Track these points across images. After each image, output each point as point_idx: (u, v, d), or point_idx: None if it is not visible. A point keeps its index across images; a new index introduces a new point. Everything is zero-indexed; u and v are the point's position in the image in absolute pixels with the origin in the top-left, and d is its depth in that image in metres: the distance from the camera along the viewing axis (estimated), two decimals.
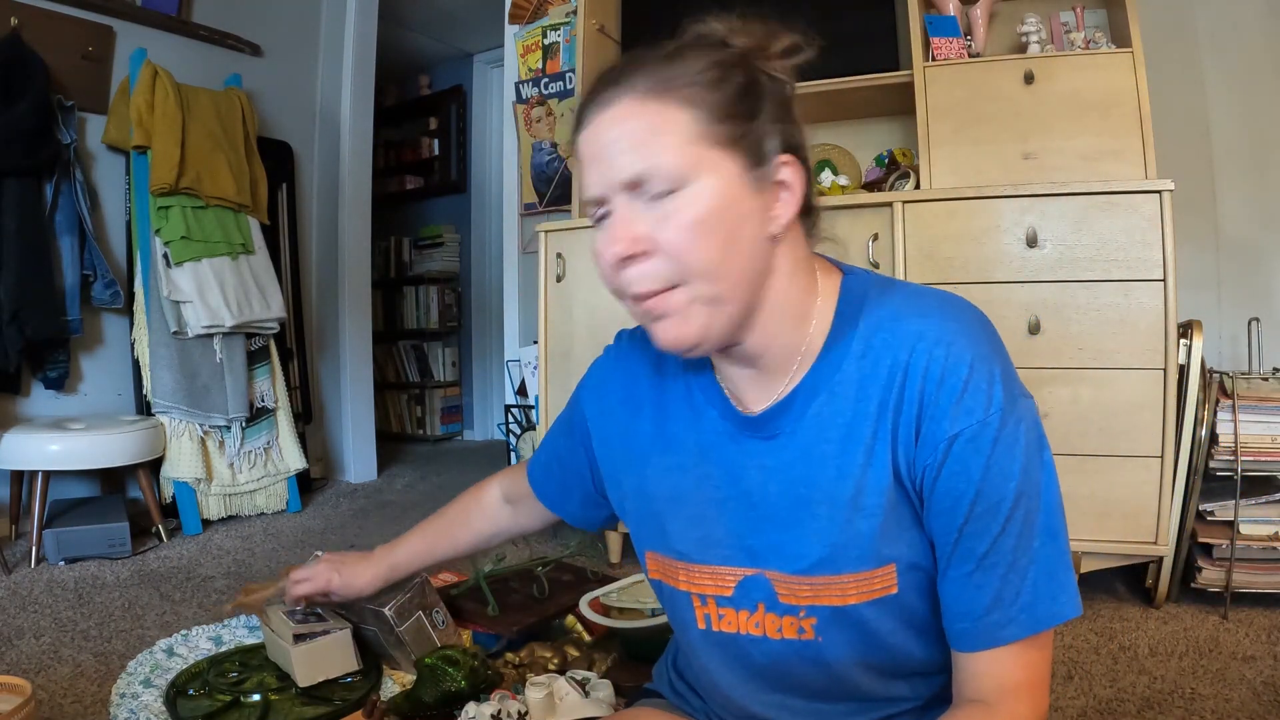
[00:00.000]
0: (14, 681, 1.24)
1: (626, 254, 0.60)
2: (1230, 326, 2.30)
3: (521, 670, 1.47)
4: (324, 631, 1.44)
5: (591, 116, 0.62)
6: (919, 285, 0.69)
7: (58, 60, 2.62)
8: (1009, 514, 0.59)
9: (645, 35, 2.52)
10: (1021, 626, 0.59)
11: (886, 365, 0.62)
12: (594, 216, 0.64)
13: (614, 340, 0.87)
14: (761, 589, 0.67)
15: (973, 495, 0.59)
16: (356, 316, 3.69)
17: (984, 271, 1.90)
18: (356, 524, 2.88)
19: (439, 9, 4.20)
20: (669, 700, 0.86)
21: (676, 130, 0.59)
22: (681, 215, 0.59)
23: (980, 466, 0.59)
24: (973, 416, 0.59)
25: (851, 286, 0.67)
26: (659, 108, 0.60)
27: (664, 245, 0.59)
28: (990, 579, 0.60)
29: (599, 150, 0.61)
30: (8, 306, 2.43)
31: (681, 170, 0.59)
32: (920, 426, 0.60)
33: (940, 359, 0.59)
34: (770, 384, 0.68)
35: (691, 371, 0.74)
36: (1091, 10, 2.20)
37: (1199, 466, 1.83)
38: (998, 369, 0.60)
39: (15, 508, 2.54)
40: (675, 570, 0.72)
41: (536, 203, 3.23)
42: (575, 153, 0.65)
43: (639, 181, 0.60)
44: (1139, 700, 1.43)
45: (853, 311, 0.65)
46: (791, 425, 0.66)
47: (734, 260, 0.60)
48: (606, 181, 0.61)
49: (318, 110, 3.59)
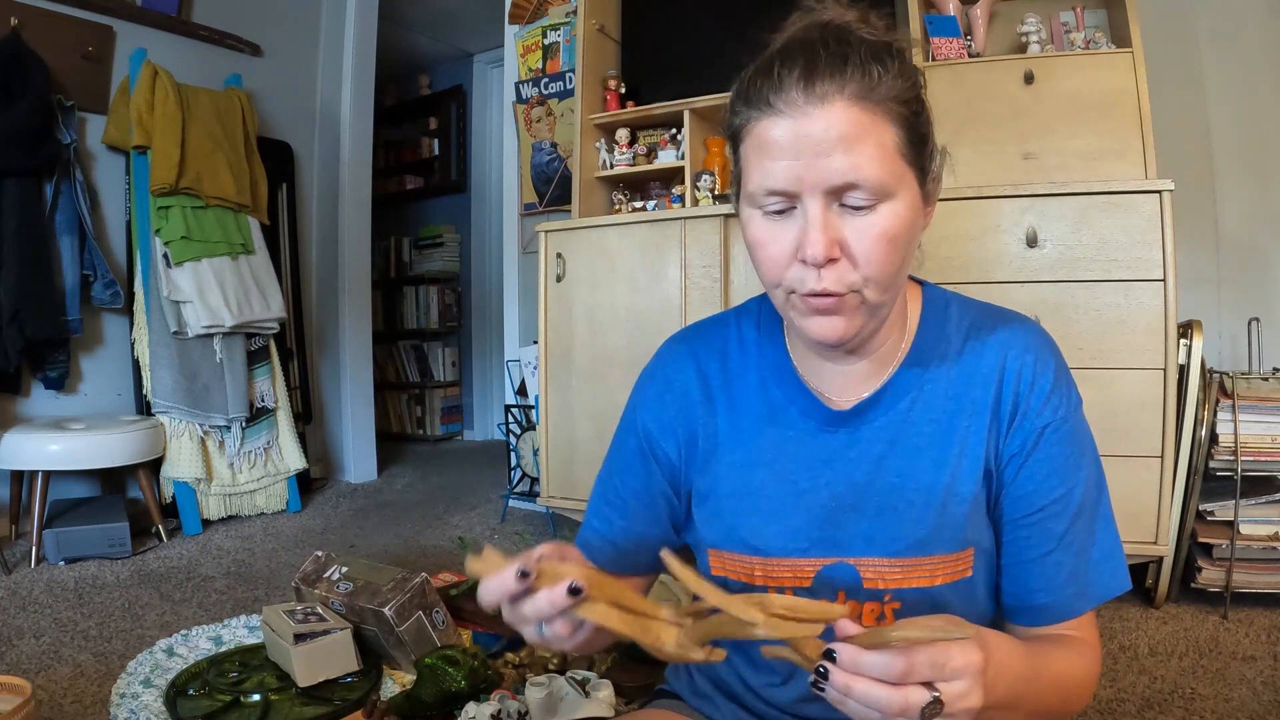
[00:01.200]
0: (14, 681, 1.24)
1: (829, 257, 0.60)
2: (1230, 326, 2.30)
3: (521, 670, 1.47)
4: (324, 631, 1.44)
5: (795, 105, 0.60)
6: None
7: (58, 60, 2.62)
8: (1081, 499, 0.68)
9: (645, 35, 2.50)
10: (1091, 600, 0.68)
11: (983, 369, 0.69)
12: (767, 206, 0.63)
13: (663, 349, 0.83)
14: (845, 576, 0.70)
15: (1055, 481, 0.67)
16: (356, 316, 3.70)
17: (984, 271, 1.90)
18: (356, 524, 2.88)
19: (439, 9, 4.20)
20: (688, 703, 0.84)
21: (886, 144, 0.60)
22: (877, 230, 0.61)
23: (1062, 456, 0.67)
24: (1057, 413, 0.68)
25: (933, 293, 0.75)
26: (871, 118, 0.60)
27: (857, 255, 0.61)
28: (1067, 557, 0.67)
29: (806, 144, 0.59)
30: (8, 306, 2.43)
31: (886, 185, 0.60)
32: (1014, 421, 0.68)
33: (1031, 364, 0.68)
34: (862, 379, 0.72)
35: (768, 370, 0.76)
36: (1091, 10, 2.20)
37: (1199, 466, 1.83)
38: (1069, 374, 0.70)
39: (15, 508, 2.54)
40: (750, 566, 0.73)
41: (536, 203, 3.23)
42: (750, 134, 0.63)
43: (846, 187, 0.59)
44: (1139, 700, 1.43)
45: (939, 318, 0.73)
46: (880, 419, 0.71)
47: (903, 272, 0.65)
48: (808, 179, 0.60)
49: (318, 110, 3.59)
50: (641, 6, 2.72)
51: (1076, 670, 0.64)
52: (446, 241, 4.85)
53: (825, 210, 0.60)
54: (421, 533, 2.75)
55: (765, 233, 0.64)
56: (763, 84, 0.62)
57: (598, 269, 2.34)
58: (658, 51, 2.67)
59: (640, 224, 2.30)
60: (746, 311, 0.80)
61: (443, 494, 3.36)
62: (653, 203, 2.64)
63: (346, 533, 2.76)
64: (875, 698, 0.48)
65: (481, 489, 3.39)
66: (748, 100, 0.63)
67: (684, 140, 2.49)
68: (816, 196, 0.60)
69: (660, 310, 2.22)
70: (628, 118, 2.63)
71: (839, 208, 0.61)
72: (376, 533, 2.75)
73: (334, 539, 2.67)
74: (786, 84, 0.60)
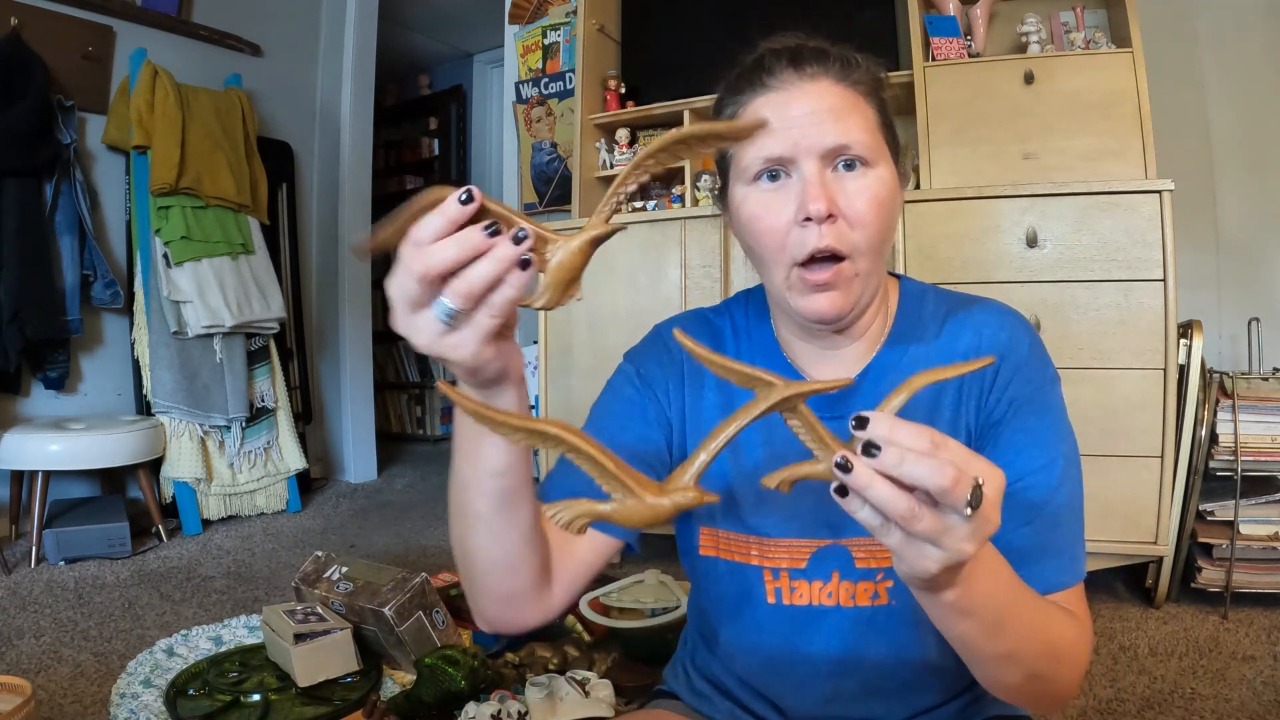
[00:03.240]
0: (14, 681, 1.24)
1: (829, 212, 0.64)
2: (1230, 326, 2.30)
3: (521, 670, 1.47)
4: (324, 631, 1.44)
5: (786, 81, 0.66)
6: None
7: (58, 60, 2.62)
8: (1064, 471, 0.67)
9: (645, 35, 2.50)
10: (1074, 574, 0.66)
11: (960, 348, 0.71)
12: (763, 174, 0.67)
13: (655, 328, 0.82)
14: (838, 557, 0.71)
15: (1035, 451, 0.67)
16: (356, 316, 3.70)
17: (984, 271, 1.90)
18: (356, 524, 2.88)
19: (439, 9, 4.20)
20: (686, 702, 0.84)
21: (869, 118, 0.67)
22: (869, 192, 0.65)
23: (1040, 427, 0.68)
24: (1030, 384, 0.69)
25: (910, 284, 0.77)
26: (854, 96, 0.67)
27: (850, 215, 0.65)
28: (1045, 529, 0.66)
29: (800, 114, 0.65)
30: (8, 306, 2.43)
31: (873, 151, 0.66)
32: (990, 393, 0.70)
33: (1005, 340, 0.70)
34: (845, 363, 0.73)
35: (759, 355, 0.77)
36: (1091, 10, 2.20)
37: (1199, 466, 1.83)
38: (1044, 351, 0.72)
39: (15, 508, 2.54)
40: (746, 545, 0.73)
41: (536, 203, 3.23)
42: (743, 115, 0.68)
43: (840, 150, 0.65)
44: (1139, 700, 1.43)
45: (917, 304, 0.75)
46: (863, 402, 0.70)
47: (886, 243, 0.69)
48: (803, 144, 0.64)
49: (318, 110, 3.59)
50: (641, 6, 2.72)
51: (1064, 625, 0.61)
52: None
53: (821, 172, 0.65)
54: (421, 533, 2.75)
55: (762, 204, 0.67)
56: (754, 72, 0.69)
57: (598, 269, 2.34)
58: (658, 51, 2.67)
59: (640, 224, 2.30)
60: (735, 302, 0.82)
61: (443, 494, 3.33)
62: (653, 203, 2.64)
63: (346, 533, 2.76)
64: (919, 474, 0.41)
65: None
66: (738, 90, 0.70)
67: None
68: (813, 159, 0.65)
69: (660, 310, 2.20)
70: (628, 118, 2.63)
71: (831, 173, 0.65)
72: (376, 533, 2.75)
73: (334, 539, 2.67)
74: (777, 67, 0.67)
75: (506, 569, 0.63)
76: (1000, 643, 0.55)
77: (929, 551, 0.44)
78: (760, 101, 0.67)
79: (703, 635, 0.84)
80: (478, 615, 0.68)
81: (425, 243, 0.43)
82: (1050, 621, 0.60)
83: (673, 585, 1.73)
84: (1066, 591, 0.65)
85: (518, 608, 0.66)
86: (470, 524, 0.61)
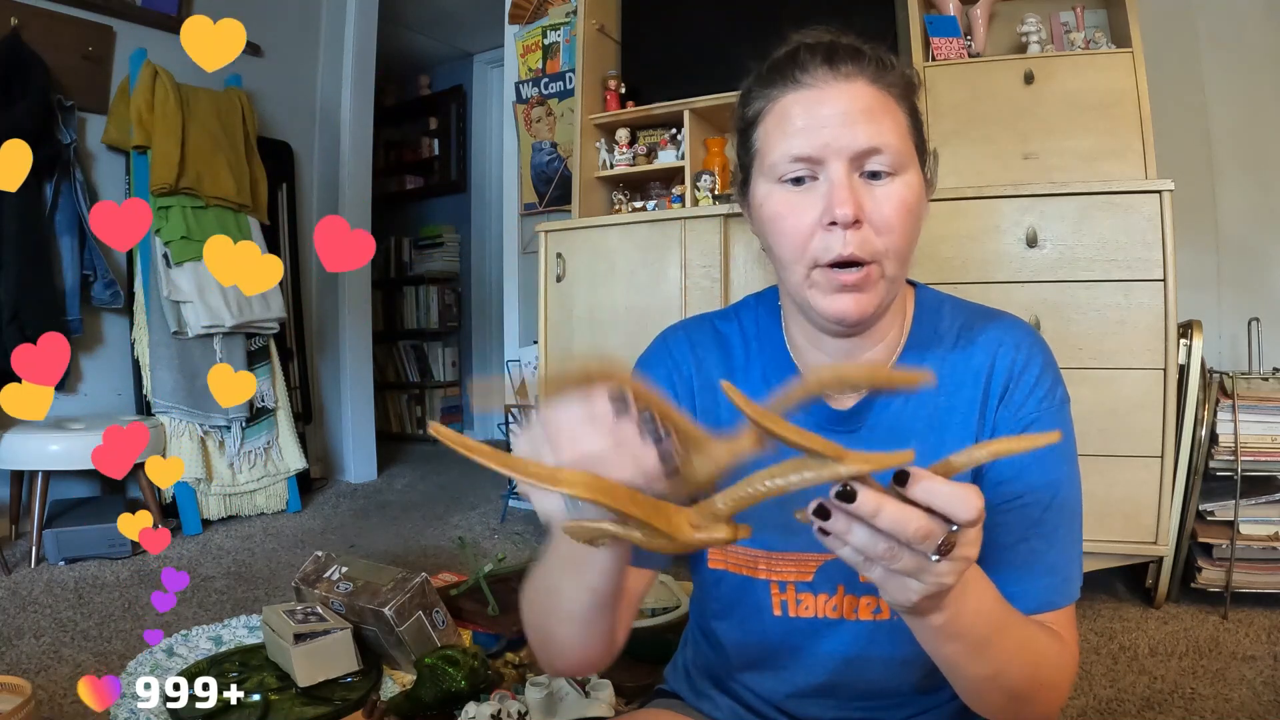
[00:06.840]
0: (14, 681, 1.24)
1: (856, 217, 0.62)
2: (1230, 326, 2.30)
3: (521, 670, 1.47)
4: (324, 631, 1.44)
5: (820, 79, 0.64)
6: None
7: (58, 60, 2.62)
8: (1064, 494, 0.67)
9: (645, 35, 2.50)
10: (1066, 596, 0.66)
11: (974, 365, 0.70)
12: (789, 174, 0.65)
13: (662, 336, 0.83)
14: (843, 572, 0.70)
15: (1037, 470, 0.67)
16: (356, 316, 3.70)
17: (984, 271, 1.90)
18: (356, 524, 2.88)
19: (439, 9, 4.20)
20: (687, 701, 0.84)
21: (900, 122, 0.65)
22: (898, 198, 0.64)
23: (1046, 448, 0.65)
24: (1041, 405, 0.68)
25: (926, 293, 0.76)
26: (886, 99, 0.65)
27: (877, 223, 0.63)
28: (1042, 546, 0.66)
29: (832, 114, 0.63)
30: (8, 306, 2.43)
31: (903, 156, 0.64)
32: (1000, 411, 0.69)
33: (1021, 361, 0.69)
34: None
35: (770, 367, 0.75)
36: (1091, 10, 2.20)
37: (1199, 466, 1.83)
38: (1057, 370, 0.71)
39: (15, 508, 2.54)
40: (754, 559, 0.73)
41: (536, 203, 3.23)
42: (771, 112, 0.67)
43: (870, 153, 0.63)
44: (1139, 700, 1.43)
45: (933, 315, 0.73)
46: (876, 416, 0.71)
47: (912, 249, 0.67)
48: (834, 145, 0.63)
49: (318, 110, 3.59)
50: (641, 6, 2.72)
51: (1049, 648, 0.62)
52: (446, 241, 4.85)
53: (848, 176, 0.63)
54: (421, 533, 2.75)
55: (787, 204, 0.65)
56: (786, 66, 0.66)
57: (598, 269, 2.34)
58: (658, 51, 2.67)
59: (640, 224, 2.30)
60: (745, 307, 0.80)
61: (443, 494, 3.36)
62: (653, 203, 2.64)
63: (346, 533, 2.76)
64: (887, 525, 0.43)
65: (481, 489, 3.38)
66: (769, 83, 0.67)
67: (684, 140, 2.49)
68: (841, 162, 0.63)
69: (660, 310, 2.21)
70: (628, 118, 2.63)
71: (859, 178, 0.63)
72: (376, 533, 2.75)
73: (334, 539, 2.67)
74: (811, 64, 0.65)
75: (587, 642, 0.67)
76: (985, 664, 0.57)
77: (910, 584, 0.46)
78: (791, 98, 0.65)
79: (705, 635, 0.84)
80: (546, 666, 0.73)
81: (569, 431, 0.46)
82: (1035, 644, 0.60)
83: (673, 585, 1.73)
84: (1057, 612, 0.65)
85: (591, 662, 0.70)
86: (558, 619, 0.65)
